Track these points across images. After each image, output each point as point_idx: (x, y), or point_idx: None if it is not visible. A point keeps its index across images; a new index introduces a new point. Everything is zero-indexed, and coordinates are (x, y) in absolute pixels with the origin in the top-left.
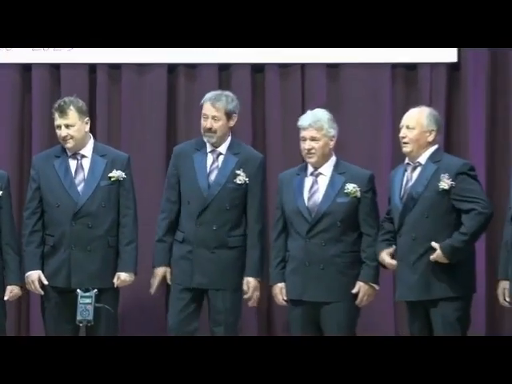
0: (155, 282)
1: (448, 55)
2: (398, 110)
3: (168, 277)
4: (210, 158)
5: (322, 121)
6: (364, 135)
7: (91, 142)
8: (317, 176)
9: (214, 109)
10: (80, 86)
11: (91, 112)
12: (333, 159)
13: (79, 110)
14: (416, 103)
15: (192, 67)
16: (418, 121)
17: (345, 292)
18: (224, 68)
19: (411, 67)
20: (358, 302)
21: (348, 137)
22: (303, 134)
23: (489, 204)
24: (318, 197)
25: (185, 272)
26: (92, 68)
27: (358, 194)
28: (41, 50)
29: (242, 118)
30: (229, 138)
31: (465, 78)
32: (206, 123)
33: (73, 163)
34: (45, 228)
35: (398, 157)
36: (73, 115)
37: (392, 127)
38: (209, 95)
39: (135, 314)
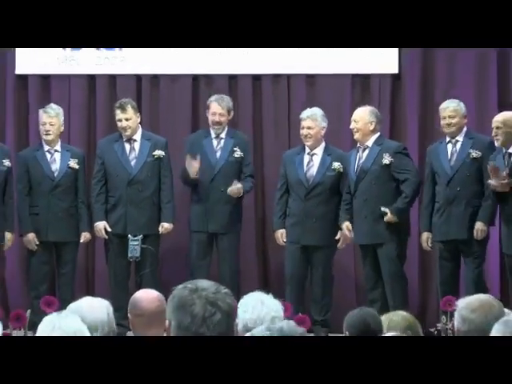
0: None
1: (392, 68)
2: (356, 108)
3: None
4: (215, 141)
5: (316, 115)
6: (331, 127)
7: (140, 130)
8: (312, 155)
9: (220, 107)
10: (130, 90)
11: (139, 109)
12: (323, 144)
13: (134, 108)
14: (369, 104)
15: (209, 77)
16: (361, 116)
17: (329, 238)
18: (232, 77)
19: (366, 77)
20: (339, 245)
21: None
22: (303, 123)
23: (418, 173)
24: (313, 170)
25: (202, 222)
26: (138, 77)
27: (342, 169)
28: (102, 64)
29: (245, 112)
30: (226, 127)
31: (404, 84)
32: (214, 118)
33: (127, 145)
34: (107, 191)
35: (354, 142)
36: (130, 111)
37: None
38: (214, 97)
39: (171, 256)
